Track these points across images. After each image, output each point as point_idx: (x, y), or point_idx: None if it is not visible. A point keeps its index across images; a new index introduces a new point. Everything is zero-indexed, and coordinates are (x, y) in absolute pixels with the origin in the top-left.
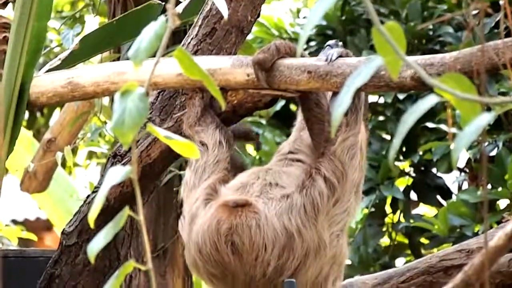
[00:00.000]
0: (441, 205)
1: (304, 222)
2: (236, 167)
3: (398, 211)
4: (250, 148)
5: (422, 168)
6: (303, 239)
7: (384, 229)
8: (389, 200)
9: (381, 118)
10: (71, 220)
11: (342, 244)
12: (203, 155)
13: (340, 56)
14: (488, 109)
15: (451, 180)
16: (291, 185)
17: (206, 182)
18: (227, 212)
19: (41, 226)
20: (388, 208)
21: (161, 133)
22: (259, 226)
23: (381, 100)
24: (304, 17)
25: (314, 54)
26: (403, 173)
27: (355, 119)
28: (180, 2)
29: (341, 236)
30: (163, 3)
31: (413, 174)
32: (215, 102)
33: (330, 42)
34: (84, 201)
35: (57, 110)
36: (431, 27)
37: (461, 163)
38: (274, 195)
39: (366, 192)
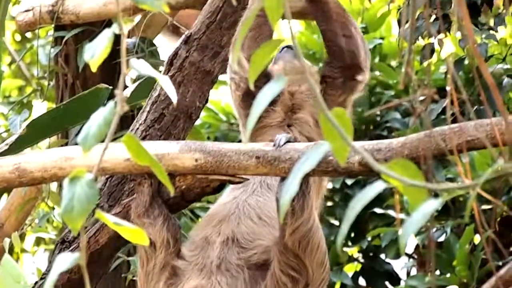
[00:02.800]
0: None
1: None
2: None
3: None
4: None
5: (371, 254)
6: None
7: None
8: (338, 287)
9: (329, 203)
10: None
11: None
12: (151, 257)
13: (289, 141)
14: (436, 195)
15: (400, 266)
16: (254, 245)
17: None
18: None
19: None
20: None
21: (110, 219)
22: None
23: (329, 186)
24: None
25: None
26: (351, 259)
27: (302, 206)
28: (127, 87)
29: None
30: (111, 87)
31: (362, 260)
32: (164, 188)
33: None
34: None
35: (4, 196)
36: (378, 113)
37: (410, 249)
38: (235, 268)
39: None
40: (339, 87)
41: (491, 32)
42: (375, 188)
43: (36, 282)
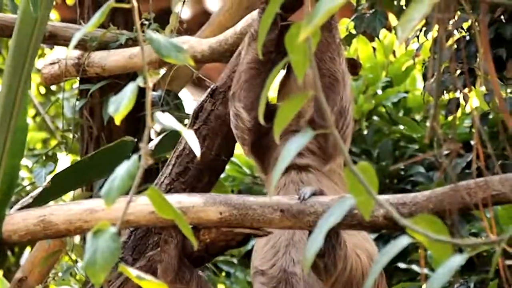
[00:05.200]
0: None
1: None
2: None
3: None
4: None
5: None
6: None
7: None
8: None
9: None
10: None
11: None
12: None
13: (314, 194)
14: (460, 250)
15: None
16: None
17: None
18: None
19: None
20: None
21: (133, 273)
22: None
23: None
24: None
25: None
26: None
27: (334, 261)
28: (152, 140)
29: None
30: (136, 140)
31: None
32: (188, 241)
33: None
34: None
35: (28, 248)
36: (402, 166)
37: None
38: None
39: None
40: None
41: None
42: (400, 243)
43: None
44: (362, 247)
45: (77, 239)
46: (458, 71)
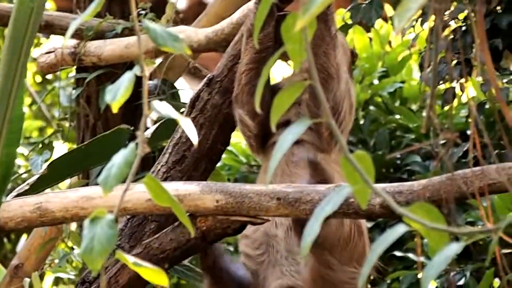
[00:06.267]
0: None
1: None
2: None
3: None
4: None
5: None
6: None
7: None
8: None
9: None
10: None
11: None
12: None
13: (311, 162)
14: (457, 238)
15: None
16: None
17: None
18: None
19: None
20: None
21: (130, 259)
22: None
23: None
24: None
25: None
26: None
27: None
28: (149, 128)
29: None
30: (132, 128)
31: None
32: (184, 229)
33: None
34: None
35: (24, 236)
36: (398, 156)
37: None
38: (299, 257)
39: None
40: None
41: None
42: (397, 231)
43: None
44: None
45: (73, 226)
46: (455, 61)
